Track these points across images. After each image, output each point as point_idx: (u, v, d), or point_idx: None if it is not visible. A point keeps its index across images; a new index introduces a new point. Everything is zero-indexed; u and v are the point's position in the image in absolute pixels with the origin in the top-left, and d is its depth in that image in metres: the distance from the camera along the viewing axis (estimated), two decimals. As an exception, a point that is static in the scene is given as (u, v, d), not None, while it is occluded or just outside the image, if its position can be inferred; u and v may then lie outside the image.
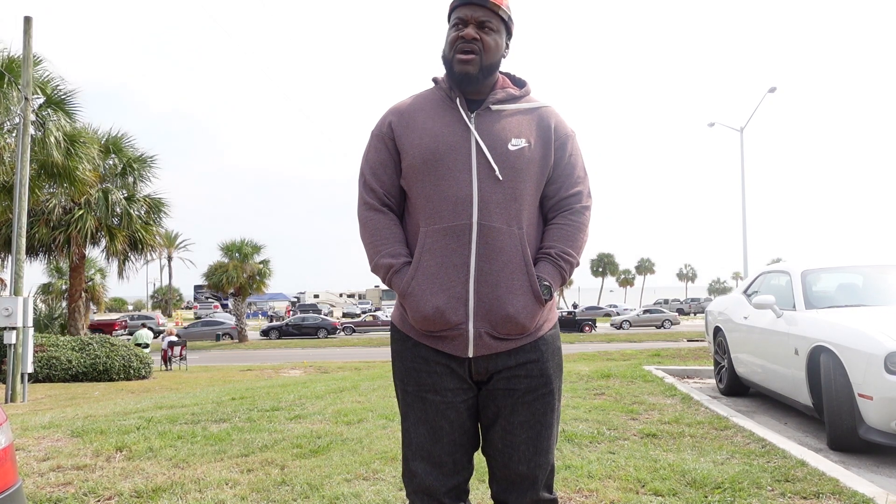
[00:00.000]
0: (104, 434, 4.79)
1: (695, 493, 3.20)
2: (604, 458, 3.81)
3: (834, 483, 3.32)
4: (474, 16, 1.75)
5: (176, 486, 3.41)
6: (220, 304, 60.70)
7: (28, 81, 11.95)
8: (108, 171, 19.01)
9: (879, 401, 4.19)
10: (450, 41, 1.78)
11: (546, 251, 1.78)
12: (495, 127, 1.76)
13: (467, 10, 1.76)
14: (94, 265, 25.48)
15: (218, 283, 32.41)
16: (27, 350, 11.33)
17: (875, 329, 4.42)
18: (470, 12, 1.75)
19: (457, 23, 1.77)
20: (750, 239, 41.42)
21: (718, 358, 7.17)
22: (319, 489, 3.30)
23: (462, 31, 1.75)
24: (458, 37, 1.76)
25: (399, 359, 1.83)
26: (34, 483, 3.54)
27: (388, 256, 1.76)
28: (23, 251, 11.93)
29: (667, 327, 39.87)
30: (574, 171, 1.84)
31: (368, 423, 4.95)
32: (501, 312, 1.69)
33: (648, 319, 41.26)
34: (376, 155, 1.83)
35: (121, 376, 15.39)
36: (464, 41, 1.75)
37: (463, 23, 1.76)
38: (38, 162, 13.66)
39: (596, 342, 28.81)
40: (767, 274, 6.73)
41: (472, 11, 1.75)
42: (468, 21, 1.75)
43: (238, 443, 4.39)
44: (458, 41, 1.76)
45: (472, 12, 1.75)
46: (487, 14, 1.76)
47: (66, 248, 18.21)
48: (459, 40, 1.75)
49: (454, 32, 1.77)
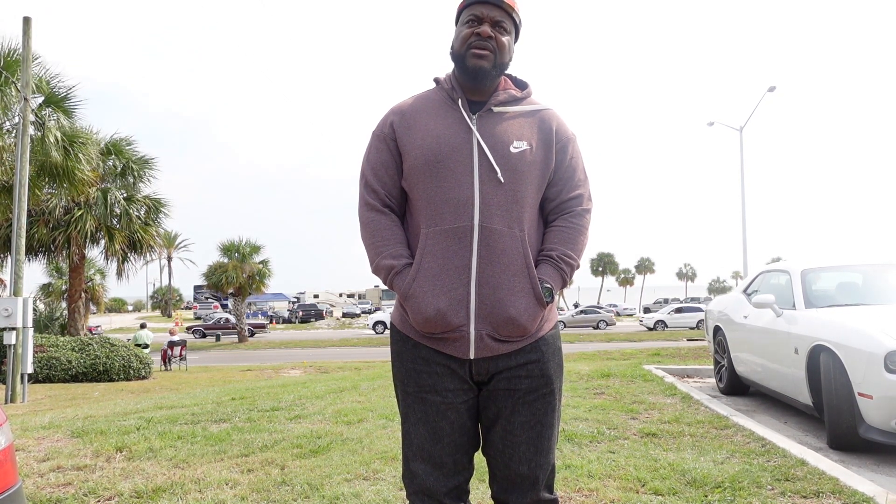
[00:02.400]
0: (104, 434, 4.79)
1: (695, 493, 3.21)
2: (604, 458, 3.81)
3: (834, 482, 3.32)
4: (490, 15, 1.76)
5: (176, 486, 3.41)
6: (220, 304, 60.70)
7: (27, 81, 11.93)
8: (107, 171, 19.00)
9: (879, 400, 4.19)
10: (462, 37, 1.77)
11: (547, 253, 1.79)
12: (497, 129, 1.76)
13: (483, 9, 1.76)
14: (94, 265, 25.49)
15: (217, 283, 32.41)
16: (27, 350, 11.32)
17: (875, 328, 4.43)
18: (486, 11, 1.76)
19: (471, 20, 1.77)
20: (750, 238, 41.50)
21: (718, 357, 7.17)
22: (319, 489, 3.30)
23: (479, 28, 1.75)
24: (473, 33, 1.75)
25: (399, 359, 1.83)
26: (34, 483, 3.54)
27: (390, 258, 1.76)
28: (22, 251, 11.92)
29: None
30: (575, 174, 1.84)
31: (368, 423, 4.95)
32: (503, 315, 1.69)
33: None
34: (378, 155, 1.83)
35: (121, 377, 15.39)
36: (479, 38, 1.75)
37: (478, 20, 1.76)
38: (37, 162, 13.65)
39: (596, 342, 28.83)
40: (767, 273, 6.73)
41: (487, 10, 1.76)
42: (483, 19, 1.76)
43: (238, 443, 4.39)
44: (472, 37, 1.75)
45: (489, 11, 1.76)
46: (502, 14, 1.76)
47: (66, 249, 18.22)
48: (475, 37, 1.75)
49: (468, 29, 1.77)
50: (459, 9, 1.82)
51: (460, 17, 1.82)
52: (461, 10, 1.81)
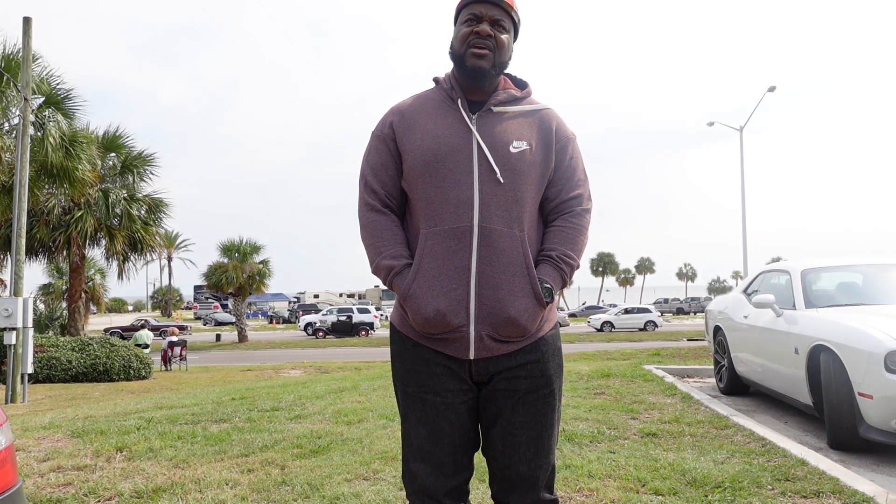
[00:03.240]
0: (104, 434, 4.79)
1: (695, 493, 3.20)
2: (604, 458, 3.81)
3: (834, 482, 3.32)
4: (489, 13, 1.75)
5: (176, 486, 3.41)
6: (220, 304, 60.71)
7: (27, 82, 11.93)
8: (107, 170, 19.00)
9: (879, 399, 4.19)
10: (461, 36, 1.77)
11: (547, 253, 1.78)
12: (497, 129, 1.76)
13: (482, 8, 1.75)
14: (94, 266, 25.47)
15: (217, 283, 32.38)
16: (27, 351, 11.32)
17: (875, 328, 4.42)
18: (485, 10, 1.75)
19: (470, 18, 1.77)
20: (750, 238, 41.48)
21: (718, 357, 7.17)
22: (320, 489, 3.30)
23: (478, 27, 1.75)
24: (472, 32, 1.75)
25: (399, 360, 1.83)
26: (34, 483, 3.54)
27: (389, 258, 1.76)
28: (22, 252, 11.92)
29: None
30: (575, 173, 1.84)
31: (368, 423, 4.95)
32: (503, 315, 1.69)
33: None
34: (377, 156, 1.83)
35: (121, 377, 15.38)
36: (478, 37, 1.74)
37: (477, 19, 1.76)
38: (37, 162, 13.65)
39: (596, 342, 28.83)
40: (767, 273, 6.73)
41: (486, 9, 1.75)
42: (482, 18, 1.75)
43: (238, 443, 4.39)
44: (471, 36, 1.75)
45: (487, 10, 1.75)
46: (501, 13, 1.76)
47: (66, 249, 18.21)
48: (474, 35, 1.75)
49: (467, 28, 1.76)
50: (458, 8, 1.82)
51: (459, 17, 1.81)
52: (460, 10, 1.81)
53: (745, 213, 24.02)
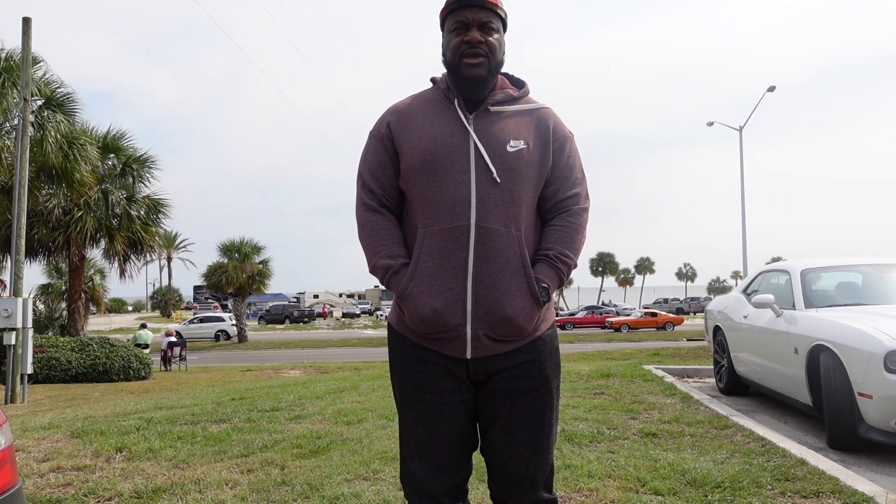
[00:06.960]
0: (104, 435, 4.79)
1: (695, 493, 3.20)
2: (604, 458, 3.81)
3: (834, 482, 3.32)
4: (476, 18, 1.72)
5: (176, 486, 3.41)
6: (220, 304, 60.66)
7: (27, 82, 11.94)
8: (107, 171, 18.99)
9: (879, 399, 4.19)
10: (453, 46, 1.74)
11: (544, 253, 1.78)
12: (494, 128, 1.75)
13: (468, 13, 1.72)
14: (94, 266, 25.45)
15: (217, 283, 32.36)
16: (27, 351, 11.33)
17: (875, 328, 4.42)
18: (471, 14, 1.72)
19: (457, 27, 1.73)
20: (750, 238, 41.44)
21: (718, 357, 7.17)
22: (319, 489, 3.30)
23: (467, 36, 1.71)
24: (462, 41, 1.72)
25: (396, 360, 1.83)
26: (34, 484, 3.54)
27: (387, 257, 1.76)
28: (22, 252, 11.92)
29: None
30: (572, 172, 1.83)
31: (368, 423, 4.95)
32: (500, 314, 1.69)
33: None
34: (375, 156, 1.83)
35: (120, 377, 15.39)
36: (470, 45, 1.71)
37: (465, 26, 1.72)
38: (36, 163, 13.65)
39: (596, 342, 28.83)
40: (767, 273, 6.73)
41: (472, 14, 1.72)
42: (470, 24, 1.72)
43: (238, 443, 4.38)
44: (462, 45, 1.72)
45: (473, 14, 1.72)
46: (488, 14, 1.73)
47: (66, 249, 18.19)
48: (465, 45, 1.72)
49: (457, 38, 1.73)
50: (442, 15, 1.79)
51: (445, 24, 1.78)
52: (445, 17, 1.78)
53: (745, 214, 24.04)
